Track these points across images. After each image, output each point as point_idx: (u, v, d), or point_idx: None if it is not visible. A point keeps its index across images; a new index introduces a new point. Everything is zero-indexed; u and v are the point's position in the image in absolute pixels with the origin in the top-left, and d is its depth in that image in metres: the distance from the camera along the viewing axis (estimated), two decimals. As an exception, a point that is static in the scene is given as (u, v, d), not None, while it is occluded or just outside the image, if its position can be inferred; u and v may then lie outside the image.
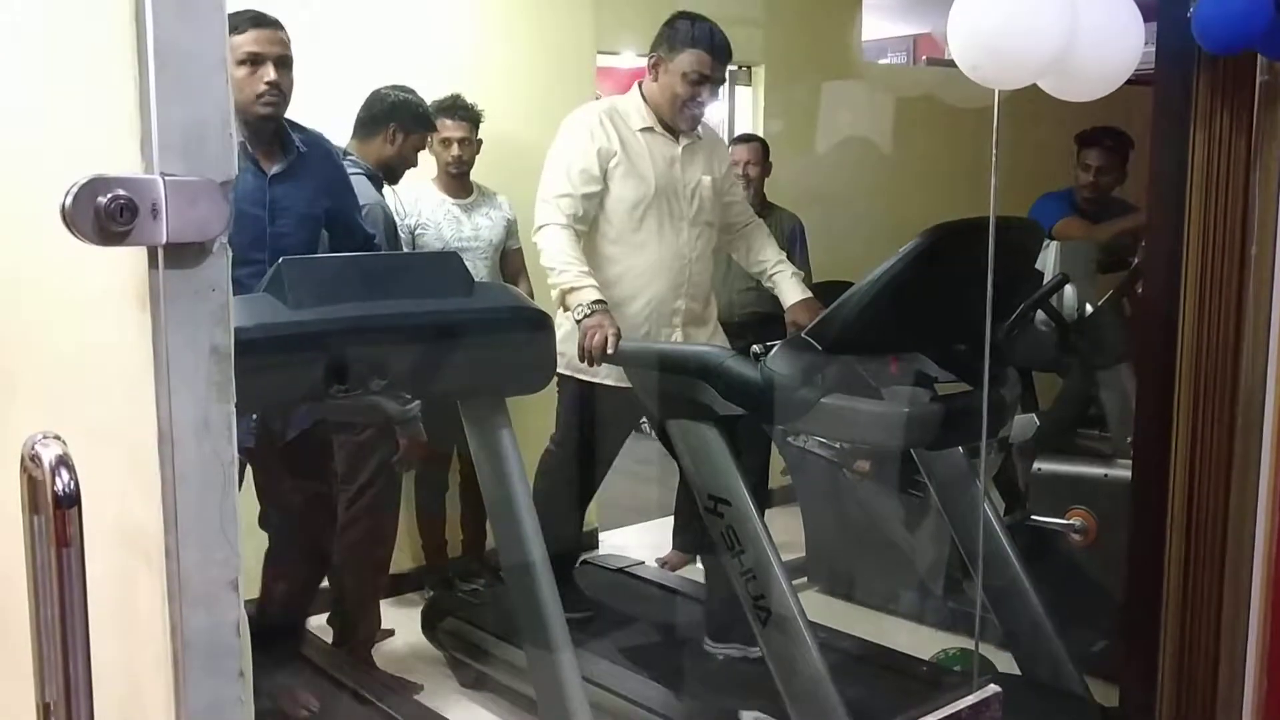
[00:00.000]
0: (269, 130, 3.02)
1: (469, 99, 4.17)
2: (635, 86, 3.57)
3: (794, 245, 4.79)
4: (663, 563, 4.73)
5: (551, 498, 3.72)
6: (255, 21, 2.93)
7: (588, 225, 3.44)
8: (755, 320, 4.45)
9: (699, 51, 3.42)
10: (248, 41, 2.91)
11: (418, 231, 4.08)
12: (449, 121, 4.13)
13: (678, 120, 3.52)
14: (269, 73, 2.94)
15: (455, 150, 4.14)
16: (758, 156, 4.78)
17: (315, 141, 3.18)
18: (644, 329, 3.53)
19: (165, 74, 1.03)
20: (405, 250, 4.00)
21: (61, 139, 1.15)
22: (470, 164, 4.20)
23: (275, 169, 3.02)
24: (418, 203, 4.13)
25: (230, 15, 2.87)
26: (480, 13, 4.62)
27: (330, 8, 4.21)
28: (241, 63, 2.90)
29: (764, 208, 4.81)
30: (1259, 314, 2.57)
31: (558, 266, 3.29)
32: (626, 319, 3.43)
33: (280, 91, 2.98)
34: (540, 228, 3.37)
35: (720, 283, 4.69)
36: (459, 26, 4.56)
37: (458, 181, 4.20)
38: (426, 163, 4.15)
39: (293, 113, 3.09)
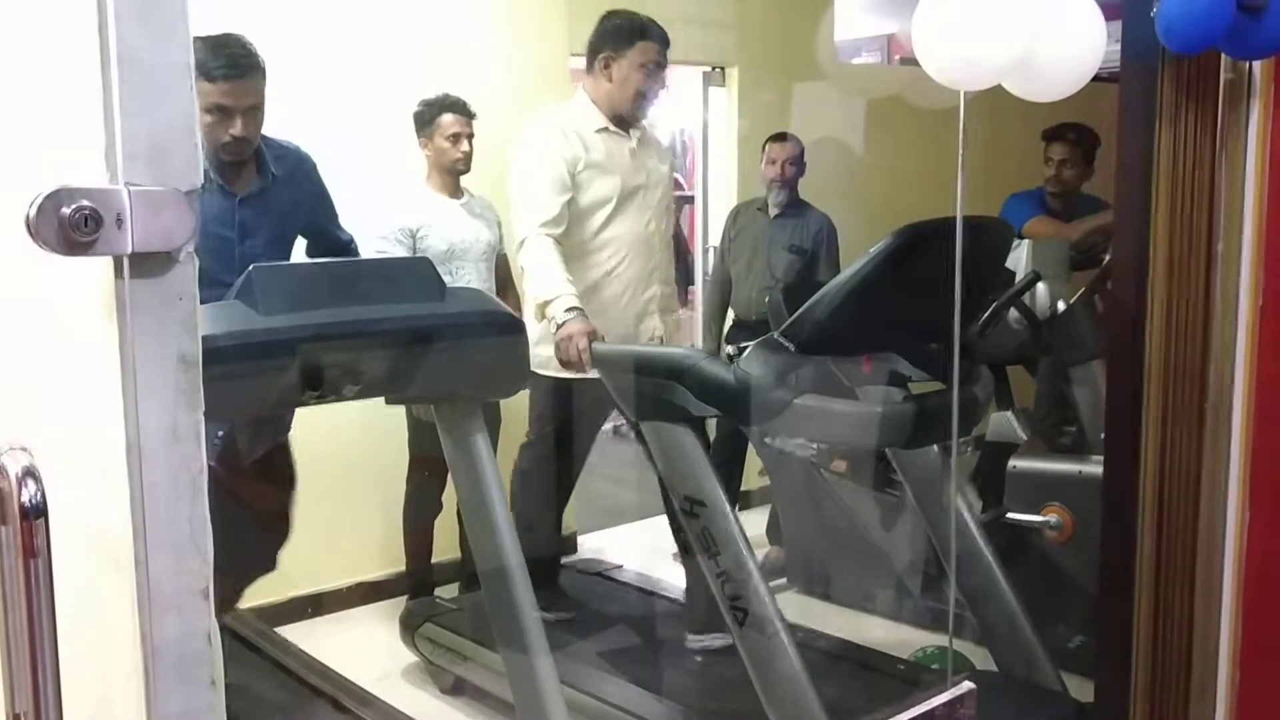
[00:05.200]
0: (238, 162, 3.00)
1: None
2: (579, 91, 3.62)
3: (820, 244, 4.78)
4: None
5: (529, 498, 3.77)
6: (228, 74, 2.86)
7: (564, 228, 3.46)
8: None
9: (648, 42, 3.53)
10: (217, 93, 2.85)
11: (420, 234, 4.00)
12: (458, 117, 4.06)
13: (636, 112, 3.61)
14: (236, 126, 2.89)
15: (465, 146, 4.05)
16: (793, 156, 4.78)
17: (292, 159, 3.15)
18: (629, 320, 3.62)
19: (129, 84, 1.03)
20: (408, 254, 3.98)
21: (25, 150, 1.15)
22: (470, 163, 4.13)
23: (245, 192, 3.00)
24: (416, 204, 4.06)
25: (207, 52, 2.83)
26: (454, 16, 4.61)
27: (299, 11, 4.21)
28: (209, 111, 2.85)
29: (795, 206, 4.81)
30: (1226, 309, 2.60)
31: (535, 278, 3.35)
32: (613, 313, 3.56)
33: (247, 141, 2.94)
34: (521, 242, 3.41)
35: (741, 281, 4.72)
36: (433, 30, 4.55)
37: (454, 181, 4.12)
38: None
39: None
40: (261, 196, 3.02)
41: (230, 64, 2.86)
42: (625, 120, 3.59)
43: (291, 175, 3.12)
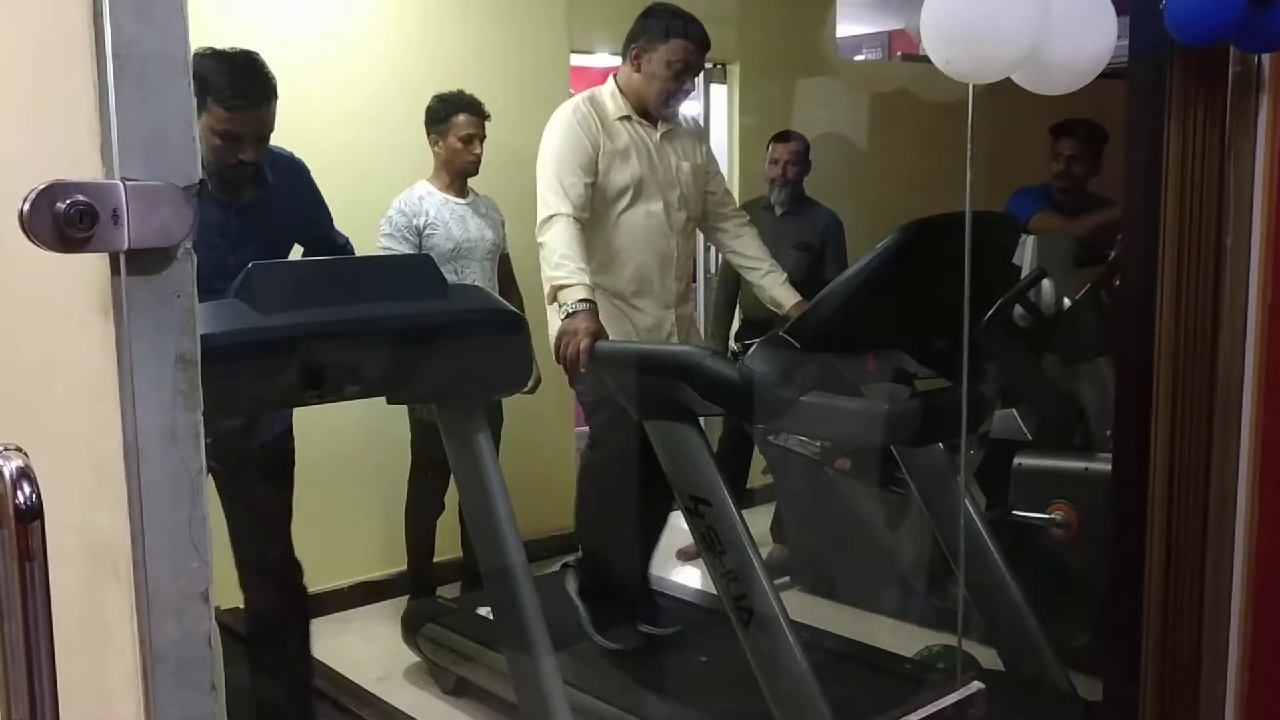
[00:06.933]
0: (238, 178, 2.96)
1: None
2: (610, 78, 3.58)
3: (827, 241, 4.77)
4: None
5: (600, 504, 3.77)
6: (245, 105, 2.80)
7: (588, 213, 3.42)
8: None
9: (683, 41, 3.47)
10: (230, 121, 2.79)
11: (426, 232, 3.99)
12: (472, 118, 4.03)
13: (660, 108, 3.56)
14: (245, 152, 2.84)
15: (477, 149, 4.03)
16: (796, 156, 4.77)
17: (285, 166, 3.10)
18: (641, 312, 3.57)
19: (125, 77, 1.01)
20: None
21: (20, 144, 1.13)
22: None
23: (240, 202, 2.96)
24: (422, 202, 4.03)
25: (224, 76, 2.77)
26: (454, 15, 4.60)
27: (304, 11, 4.19)
28: (219, 135, 2.79)
29: (801, 203, 4.80)
30: (1235, 305, 2.58)
31: (554, 260, 3.27)
32: (625, 303, 3.51)
33: (254, 164, 2.89)
34: (547, 219, 3.33)
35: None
36: (434, 29, 4.54)
37: (462, 182, 4.10)
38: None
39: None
40: (257, 206, 2.97)
41: (246, 95, 2.80)
42: (650, 114, 3.55)
43: (286, 183, 3.06)
